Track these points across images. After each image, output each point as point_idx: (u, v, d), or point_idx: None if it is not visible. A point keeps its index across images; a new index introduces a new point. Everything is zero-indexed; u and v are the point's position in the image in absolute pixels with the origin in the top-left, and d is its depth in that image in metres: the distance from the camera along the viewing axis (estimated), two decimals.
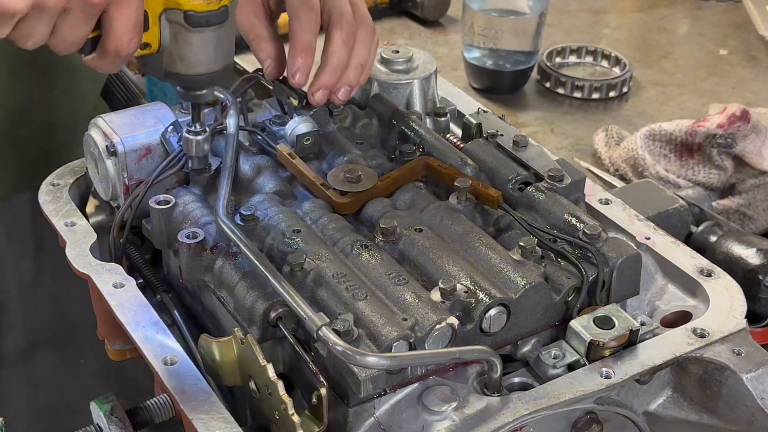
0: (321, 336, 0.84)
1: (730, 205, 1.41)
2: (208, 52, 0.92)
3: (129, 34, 0.87)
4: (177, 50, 0.92)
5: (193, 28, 0.90)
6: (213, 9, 0.90)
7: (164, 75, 0.94)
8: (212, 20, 0.90)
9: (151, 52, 0.92)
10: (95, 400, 0.91)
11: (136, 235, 1.08)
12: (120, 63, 0.90)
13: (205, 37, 0.91)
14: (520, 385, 0.92)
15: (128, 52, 0.89)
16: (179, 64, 0.92)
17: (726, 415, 0.94)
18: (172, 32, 0.91)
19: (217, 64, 0.94)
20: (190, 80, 0.94)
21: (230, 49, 0.95)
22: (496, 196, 1.02)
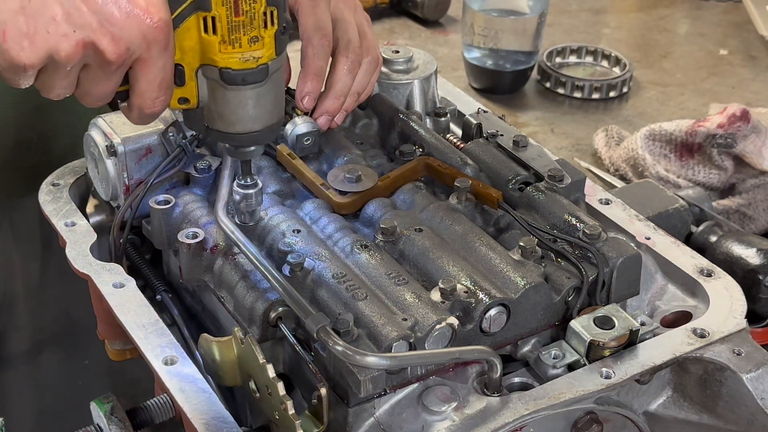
0: (321, 336, 0.84)
1: (730, 205, 1.42)
2: (247, 111, 0.87)
3: (154, 92, 0.83)
4: (215, 107, 0.87)
5: (229, 86, 0.85)
6: (250, 67, 0.84)
7: (206, 131, 0.89)
8: (249, 79, 0.85)
9: (190, 107, 0.88)
10: (95, 400, 0.91)
11: (136, 235, 1.08)
12: (147, 119, 0.87)
13: (242, 96, 0.86)
14: (520, 385, 0.92)
15: (154, 111, 0.85)
16: (218, 121, 0.88)
17: (726, 415, 0.94)
18: (210, 88, 0.86)
19: (257, 124, 0.88)
20: (231, 138, 0.89)
21: (274, 108, 0.89)
22: (496, 196, 1.02)
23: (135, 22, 0.79)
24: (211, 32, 0.83)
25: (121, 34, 0.79)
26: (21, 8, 0.77)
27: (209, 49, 0.84)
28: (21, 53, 0.77)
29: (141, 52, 0.81)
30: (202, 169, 1.06)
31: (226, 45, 0.83)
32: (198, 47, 0.84)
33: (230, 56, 0.84)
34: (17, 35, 0.77)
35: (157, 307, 0.97)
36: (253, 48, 0.84)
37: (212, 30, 0.83)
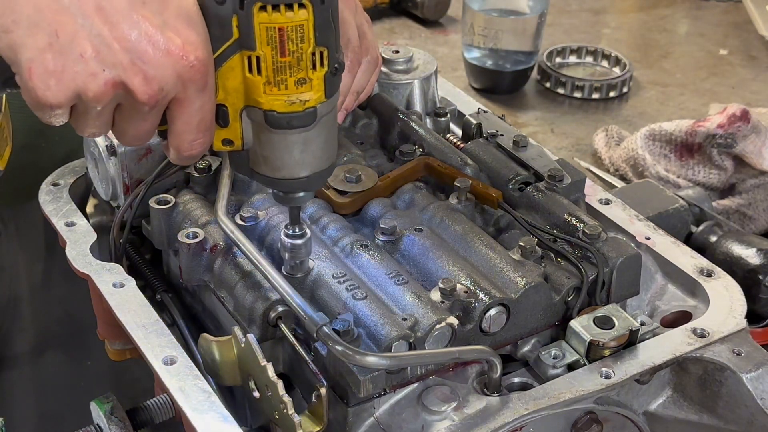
0: (321, 336, 0.84)
1: (730, 205, 1.42)
2: (293, 156, 0.82)
3: (192, 134, 0.79)
4: (260, 150, 0.82)
5: (274, 130, 0.80)
6: (296, 111, 0.79)
7: (251, 173, 0.85)
8: (295, 123, 0.80)
9: (235, 149, 0.82)
10: (95, 400, 0.91)
11: (136, 235, 1.08)
12: (186, 161, 0.82)
13: (288, 140, 0.81)
14: (520, 385, 0.92)
15: (192, 153, 0.80)
16: (264, 165, 0.83)
17: (726, 415, 0.94)
18: (255, 131, 0.81)
19: (304, 170, 0.83)
20: (277, 184, 0.84)
21: (323, 154, 0.83)
22: (496, 196, 1.02)
23: (170, 61, 0.74)
24: (256, 73, 0.78)
25: (154, 74, 0.74)
26: (48, 45, 0.72)
27: (254, 90, 0.79)
28: (47, 92, 0.73)
29: (177, 93, 0.76)
30: (202, 169, 1.06)
31: (271, 86, 0.78)
32: (242, 87, 0.79)
33: (275, 98, 0.79)
34: (44, 73, 0.73)
35: (157, 307, 0.97)
36: (300, 90, 0.79)
37: (257, 70, 0.78)
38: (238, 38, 0.77)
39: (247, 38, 0.77)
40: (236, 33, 0.77)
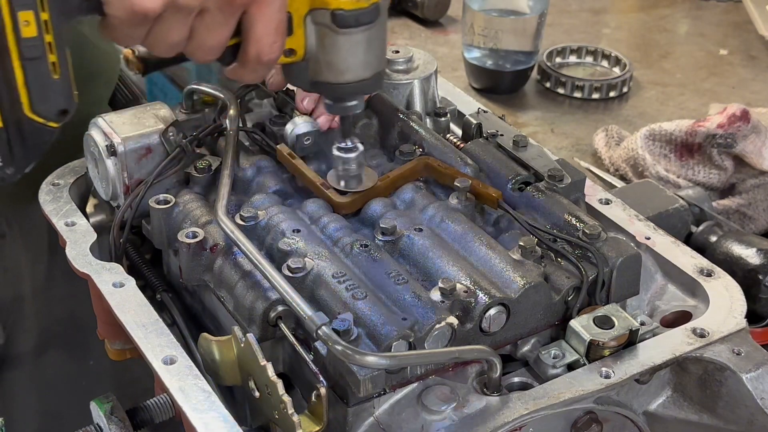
0: (320, 335, 0.84)
1: (730, 205, 1.42)
2: (358, 56, 0.84)
3: (271, 36, 0.80)
4: (324, 56, 0.83)
5: (341, 30, 0.81)
6: (363, 6, 0.81)
7: (310, 85, 0.86)
8: (362, 19, 0.82)
9: (296, 59, 0.84)
10: (95, 399, 0.91)
11: (136, 235, 1.09)
12: (263, 71, 0.83)
13: (353, 40, 0.83)
14: (519, 385, 0.92)
15: (271, 58, 0.81)
16: (326, 71, 0.84)
17: (726, 415, 0.94)
18: (319, 36, 0.82)
19: (367, 71, 0.85)
20: (339, 89, 0.85)
21: (382, 53, 0.86)
22: (496, 196, 1.02)
23: None
24: None
25: None
26: None
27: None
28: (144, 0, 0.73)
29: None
30: (202, 169, 1.06)
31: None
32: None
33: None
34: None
35: (157, 306, 0.97)
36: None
37: None
38: None
39: None
40: None
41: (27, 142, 0.76)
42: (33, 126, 0.75)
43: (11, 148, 0.76)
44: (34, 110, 0.75)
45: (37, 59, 0.72)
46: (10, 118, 0.74)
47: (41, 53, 0.72)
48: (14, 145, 0.75)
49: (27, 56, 0.72)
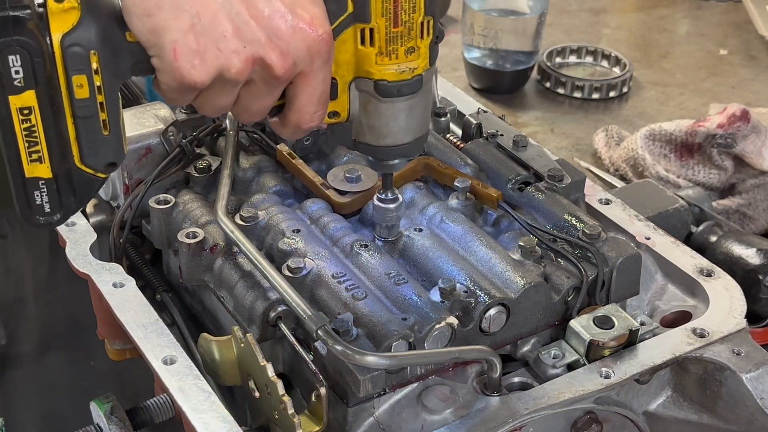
0: (320, 335, 0.84)
1: (730, 205, 1.41)
2: (399, 123, 0.86)
3: (313, 106, 0.82)
4: (366, 120, 0.86)
5: (383, 99, 0.84)
6: (405, 79, 0.83)
7: (353, 144, 0.88)
8: (404, 90, 0.84)
9: (340, 120, 0.86)
10: (95, 399, 0.91)
11: (136, 235, 1.08)
12: (302, 134, 0.85)
13: (395, 108, 0.85)
14: (519, 385, 0.92)
15: (311, 126, 0.83)
16: (368, 134, 0.87)
17: (726, 415, 0.94)
18: (362, 101, 0.85)
19: (408, 136, 0.87)
20: (380, 151, 0.88)
21: (424, 120, 0.88)
22: (496, 196, 1.02)
23: (301, 35, 0.78)
24: (368, 44, 0.82)
25: (288, 49, 0.77)
26: (191, 26, 0.75)
27: (365, 62, 0.83)
28: (192, 71, 0.76)
29: (304, 66, 0.79)
30: (202, 169, 1.06)
31: (382, 57, 0.82)
32: (353, 60, 0.83)
33: (386, 68, 0.83)
34: (188, 53, 0.75)
35: (156, 306, 0.97)
36: (409, 59, 0.83)
37: (369, 42, 0.82)
38: (352, 11, 0.81)
39: (362, 11, 0.81)
40: (351, 7, 0.80)
41: (75, 191, 0.79)
42: (82, 176, 0.79)
43: (60, 196, 0.79)
44: (84, 162, 0.78)
45: (89, 118, 0.76)
46: (60, 169, 0.78)
47: (93, 113, 0.76)
48: (63, 193, 0.79)
49: (79, 115, 0.76)
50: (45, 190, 0.78)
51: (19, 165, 0.77)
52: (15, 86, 0.73)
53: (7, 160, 0.77)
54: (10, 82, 0.73)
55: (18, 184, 0.78)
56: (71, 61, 0.74)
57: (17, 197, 0.79)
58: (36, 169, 0.77)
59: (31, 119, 0.75)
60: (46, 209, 0.79)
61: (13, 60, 0.72)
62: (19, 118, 0.74)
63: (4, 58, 0.72)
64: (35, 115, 0.75)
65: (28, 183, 0.78)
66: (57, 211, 0.79)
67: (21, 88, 0.73)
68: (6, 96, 0.74)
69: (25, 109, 0.74)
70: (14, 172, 0.77)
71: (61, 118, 0.76)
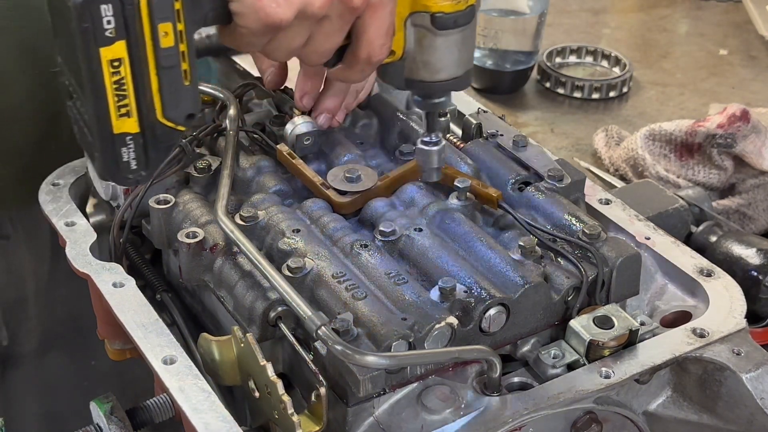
0: (320, 335, 0.84)
1: (730, 205, 1.41)
2: (453, 55, 0.88)
3: (382, 38, 0.84)
4: (421, 56, 0.87)
5: (439, 31, 0.86)
6: (461, 9, 0.85)
7: (405, 83, 0.90)
8: (459, 21, 0.86)
9: (394, 59, 0.88)
10: (95, 399, 0.91)
11: (136, 235, 1.08)
12: (369, 72, 0.87)
13: (450, 40, 0.87)
14: (519, 385, 0.92)
15: (379, 58, 0.85)
16: (422, 70, 0.88)
17: (725, 415, 0.94)
18: (417, 37, 0.86)
19: (460, 69, 0.89)
20: (432, 87, 0.89)
21: (473, 51, 0.90)
22: (496, 196, 1.02)
23: None
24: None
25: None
26: None
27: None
28: (278, 9, 0.77)
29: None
30: (202, 169, 1.06)
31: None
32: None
33: (443, 0, 0.84)
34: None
35: (156, 306, 0.97)
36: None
37: None
38: None
39: None
40: None
41: (159, 145, 0.79)
42: (164, 130, 0.79)
43: (146, 152, 0.79)
44: (166, 115, 0.78)
45: (172, 68, 0.76)
46: (146, 123, 0.78)
47: (176, 62, 0.76)
48: (149, 148, 0.79)
49: (164, 65, 0.76)
50: (132, 146, 0.78)
51: (108, 121, 0.76)
52: (106, 37, 0.73)
53: (94, 116, 0.76)
54: (102, 33, 0.72)
55: (106, 141, 0.77)
56: (158, 8, 0.73)
57: (103, 156, 0.78)
58: (124, 124, 0.76)
59: (120, 71, 0.74)
60: (132, 166, 0.79)
61: (105, 9, 0.72)
62: (110, 70, 0.74)
63: (96, 8, 0.71)
64: (125, 66, 0.74)
65: (116, 139, 0.77)
66: (143, 168, 0.80)
67: (112, 39, 0.73)
68: (98, 48, 0.73)
69: (116, 61, 0.74)
70: (102, 129, 0.77)
71: (146, 69, 0.75)
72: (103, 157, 0.78)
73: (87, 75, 0.74)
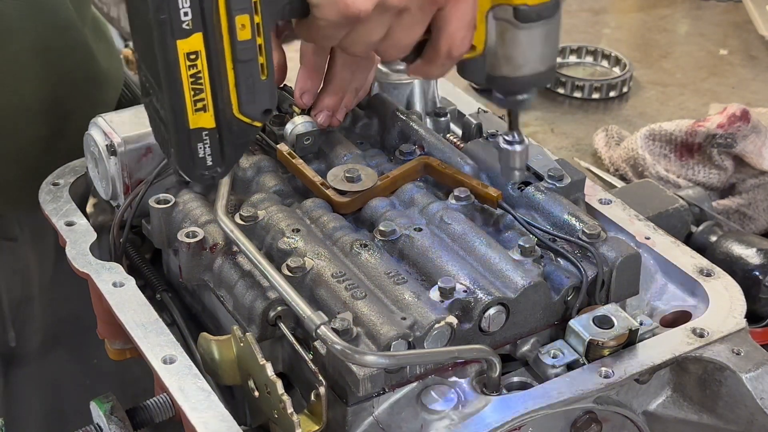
0: (320, 335, 0.84)
1: (730, 205, 1.42)
2: (536, 50, 0.85)
3: (464, 31, 0.82)
4: (503, 50, 0.85)
5: (522, 24, 0.83)
6: (545, 1, 0.83)
7: (486, 79, 0.87)
8: (543, 14, 0.83)
9: (475, 54, 0.85)
10: (95, 399, 0.91)
11: (136, 235, 1.09)
12: (450, 66, 0.85)
13: (533, 34, 0.84)
14: (519, 385, 0.92)
15: (461, 52, 0.83)
16: (504, 65, 0.85)
17: (725, 415, 0.94)
18: (499, 31, 0.84)
19: (543, 64, 0.86)
20: (514, 83, 0.87)
21: (558, 45, 0.88)
22: (496, 195, 1.02)
23: None
24: None
25: None
26: None
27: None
28: (357, 1, 0.75)
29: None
30: None
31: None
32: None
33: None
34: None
35: (156, 306, 0.97)
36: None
37: None
38: None
39: None
40: None
41: (235, 141, 0.78)
42: (240, 126, 0.77)
43: (222, 148, 0.78)
44: (242, 111, 0.77)
45: (249, 61, 0.75)
46: (222, 118, 0.76)
47: (254, 56, 0.75)
48: (225, 144, 0.78)
49: (241, 59, 0.74)
50: (208, 142, 0.76)
51: (184, 115, 0.75)
52: (183, 29, 0.71)
53: (171, 111, 0.75)
54: (179, 26, 0.71)
55: (182, 136, 0.76)
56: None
57: (180, 153, 0.77)
58: (200, 118, 0.75)
59: (197, 65, 0.73)
60: (208, 162, 0.78)
61: (182, 1, 0.71)
62: (186, 64, 0.73)
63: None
64: (201, 60, 0.73)
65: (192, 135, 0.76)
66: (219, 164, 0.79)
67: (189, 31, 0.71)
68: (174, 40, 0.72)
69: (192, 54, 0.72)
70: (179, 124, 0.75)
71: (223, 63, 0.74)
72: (179, 152, 0.77)
73: (164, 68, 0.73)
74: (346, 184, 1.03)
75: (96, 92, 1.32)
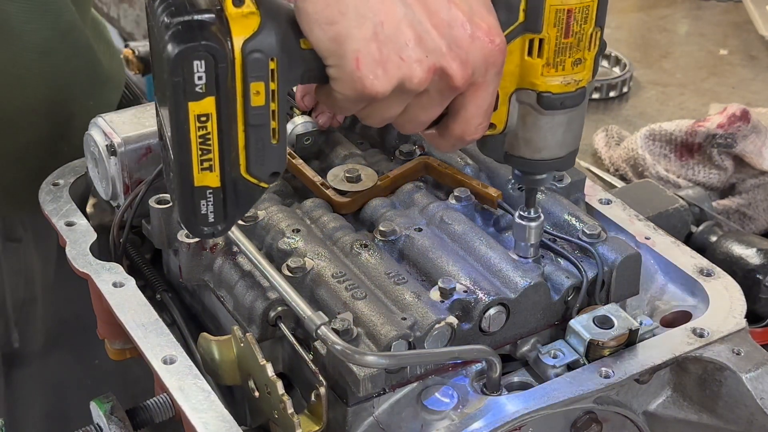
0: (320, 335, 0.84)
1: (730, 205, 1.41)
2: (557, 136, 0.84)
3: (479, 118, 0.80)
4: (523, 133, 0.84)
5: (545, 111, 0.82)
6: (569, 91, 0.82)
7: (504, 157, 0.87)
8: (567, 103, 0.82)
9: (495, 132, 0.84)
10: (95, 399, 0.91)
11: (136, 235, 1.09)
12: (459, 147, 0.84)
13: (555, 121, 0.83)
14: (519, 385, 0.92)
15: (473, 138, 0.82)
16: (523, 147, 0.85)
17: (725, 415, 0.94)
18: (521, 113, 0.83)
19: (563, 150, 0.86)
20: (532, 165, 0.86)
21: (579, 133, 0.87)
22: (496, 196, 1.02)
23: (479, 45, 0.76)
24: (536, 55, 0.80)
25: (467, 58, 0.76)
26: (374, 35, 0.73)
27: (530, 73, 0.81)
28: (375, 81, 0.74)
29: (478, 76, 0.78)
30: None
31: (549, 68, 0.81)
32: (517, 71, 0.81)
33: (552, 79, 0.81)
34: (371, 63, 0.74)
35: (156, 306, 0.97)
36: (575, 71, 0.81)
37: (537, 53, 0.80)
38: (523, 21, 0.79)
39: (534, 21, 0.79)
40: (522, 16, 0.79)
41: (239, 200, 0.78)
42: (246, 186, 0.78)
43: (225, 206, 0.78)
44: (250, 172, 0.77)
45: (261, 126, 0.75)
46: (228, 178, 0.77)
47: (266, 121, 0.75)
48: (228, 203, 0.78)
49: (252, 123, 0.75)
50: (211, 200, 0.77)
51: (189, 173, 0.75)
52: (196, 93, 0.72)
53: (177, 168, 0.76)
54: (192, 89, 0.72)
55: (186, 192, 0.77)
56: (252, 67, 0.72)
57: (182, 206, 0.78)
58: (205, 177, 0.76)
59: (207, 126, 0.74)
60: (210, 219, 0.78)
61: (197, 66, 0.71)
62: (196, 125, 0.73)
63: (189, 63, 0.71)
64: (212, 122, 0.74)
65: (196, 192, 0.76)
66: (221, 222, 0.79)
67: (201, 95, 0.72)
68: (186, 102, 0.72)
69: (203, 116, 0.73)
70: (183, 180, 0.76)
71: (234, 126, 0.74)
72: (182, 206, 0.78)
73: (174, 125, 0.74)
74: (346, 184, 1.03)
75: (99, 94, 1.32)
